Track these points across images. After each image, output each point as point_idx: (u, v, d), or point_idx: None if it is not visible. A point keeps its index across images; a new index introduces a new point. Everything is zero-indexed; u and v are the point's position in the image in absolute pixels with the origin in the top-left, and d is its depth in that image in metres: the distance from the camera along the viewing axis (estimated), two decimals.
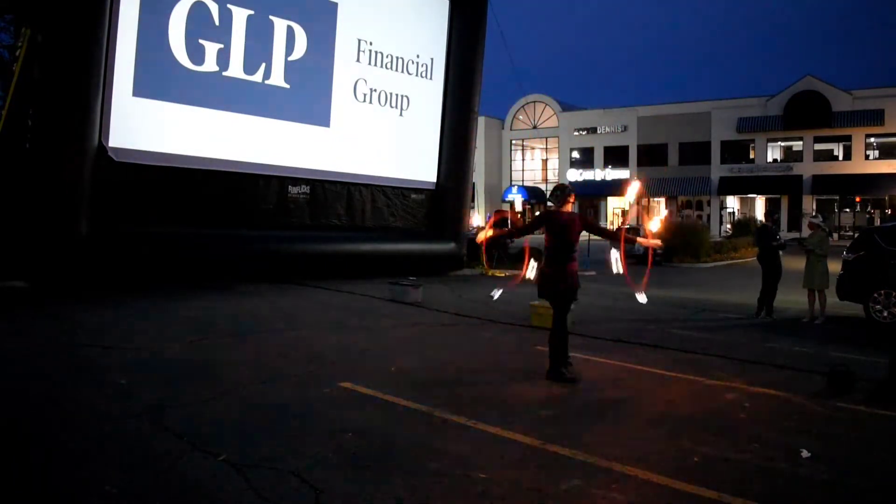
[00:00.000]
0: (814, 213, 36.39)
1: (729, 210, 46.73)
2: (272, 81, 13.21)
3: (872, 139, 41.65)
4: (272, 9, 13.10)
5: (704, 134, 45.90)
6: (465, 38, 16.13)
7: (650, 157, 48.41)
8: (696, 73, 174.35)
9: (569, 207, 5.96)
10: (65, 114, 10.39)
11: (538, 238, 6.13)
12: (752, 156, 45.32)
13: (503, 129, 55.17)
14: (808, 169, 42.72)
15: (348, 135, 14.57)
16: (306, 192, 13.84)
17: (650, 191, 48.46)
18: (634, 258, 24.06)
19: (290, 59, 13.43)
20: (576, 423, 4.77)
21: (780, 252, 10.80)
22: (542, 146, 55.13)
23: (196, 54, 12.09)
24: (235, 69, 12.64)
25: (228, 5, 12.41)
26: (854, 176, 41.00)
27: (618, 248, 5.98)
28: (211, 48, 12.25)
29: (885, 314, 10.10)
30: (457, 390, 5.52)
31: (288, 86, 13.44)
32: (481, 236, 6.08)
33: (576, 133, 51.86)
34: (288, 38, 13.37)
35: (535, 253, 6.47)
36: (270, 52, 13.15)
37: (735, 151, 45.76)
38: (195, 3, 11.96)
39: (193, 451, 3.89)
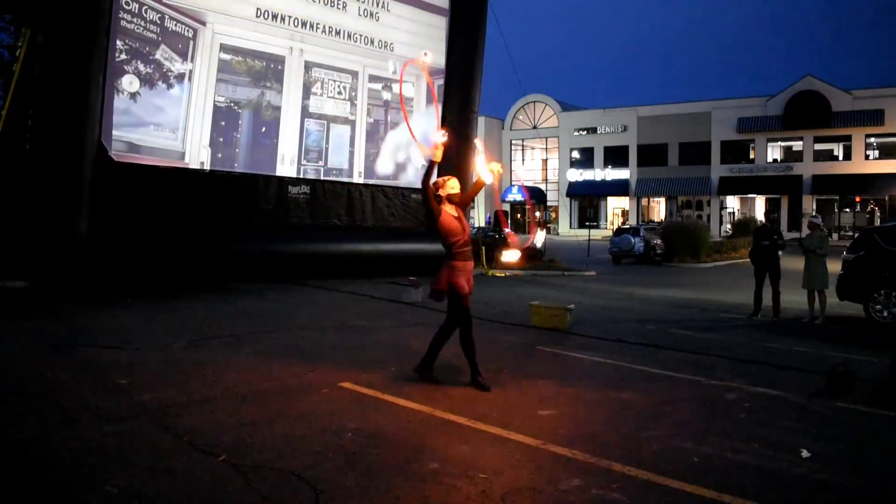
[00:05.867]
0: (813, 213, 36.42)
1: (729, 210, 46.77)
2: None
3: (872, 139, 41.68)
4: None
5: (704, 134, 45.92)
6: (466, 38, 16.13)
7: (650, 157, 48.43)
8: (696, 73, 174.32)
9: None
10: (65, 114, 10.39)
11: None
12: (752, 156, 45.35)
13: (503, 129, 55.18)
14: (808, 169, 42.74)
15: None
16: (306, 192, 13.84)
17: (649, 191, 48.47)
18: (633, 257, 24.21)
19: None
20: (575, 423, 4.77)
21: (778, 251, 10.75)
22: (542, 146, 55.15)
23: None
24: None
25: None
26: (854, 176, 41.02)
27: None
28: None
29: (885, 314, 10.10)
30: (456, 390, 5.52)
31: None
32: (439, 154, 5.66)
33: (576, 133, 51.87)
34: None
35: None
36: None
37: (735, 151, 45.78)
38: None
39: (193, 451, 3.89)
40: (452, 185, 5.69)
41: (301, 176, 13.89)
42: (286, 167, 13.76)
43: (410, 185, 15.81)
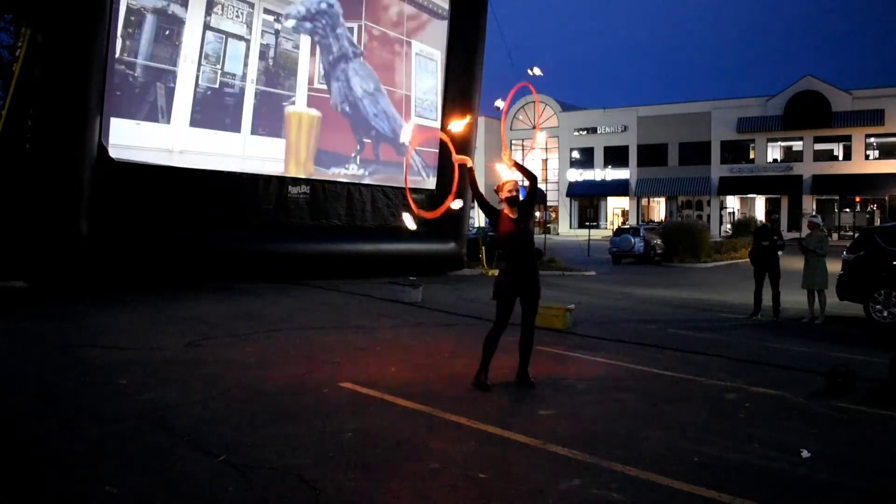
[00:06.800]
0: (813, 213, 36.39)
1: (729, 210, 46.77)
2: None
3: (872, 139, 41.69)
4: None
5: (704, 134, 45.93)
6: (466, 39, 16.14)
7: (650, 157, 48.43)
8: (696, 73, 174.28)
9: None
10: (65, 114, 10.38)
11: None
12: (752, 156, 45.36)
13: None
14: (808, 169, 42.75)
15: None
16: (306, 192, 13.84)
17: (650, 191, 48.45)
18: (633, 257, 24.22)
19: None
20: (575, 423, 4.77)
21: (778, 252, 10.75)
22: (542, 146, 55.10)
23: None
24: None
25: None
26: (854, 176, 41.04)
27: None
28: None
29: (885, 314, 10.10)
30: (457, 390, 5.52)
31: None
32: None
33: (576, 133, 51.87)
34: None
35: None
36: None
37: (735, 151, 45.79)
38: None
39: (193, 451, 3.89)
40: (510, 189, 5.59)
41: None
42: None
43: (410, 185, 15.81)
